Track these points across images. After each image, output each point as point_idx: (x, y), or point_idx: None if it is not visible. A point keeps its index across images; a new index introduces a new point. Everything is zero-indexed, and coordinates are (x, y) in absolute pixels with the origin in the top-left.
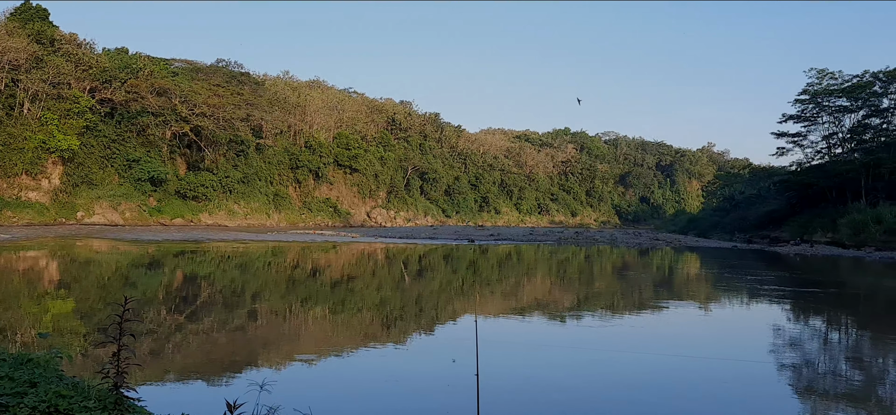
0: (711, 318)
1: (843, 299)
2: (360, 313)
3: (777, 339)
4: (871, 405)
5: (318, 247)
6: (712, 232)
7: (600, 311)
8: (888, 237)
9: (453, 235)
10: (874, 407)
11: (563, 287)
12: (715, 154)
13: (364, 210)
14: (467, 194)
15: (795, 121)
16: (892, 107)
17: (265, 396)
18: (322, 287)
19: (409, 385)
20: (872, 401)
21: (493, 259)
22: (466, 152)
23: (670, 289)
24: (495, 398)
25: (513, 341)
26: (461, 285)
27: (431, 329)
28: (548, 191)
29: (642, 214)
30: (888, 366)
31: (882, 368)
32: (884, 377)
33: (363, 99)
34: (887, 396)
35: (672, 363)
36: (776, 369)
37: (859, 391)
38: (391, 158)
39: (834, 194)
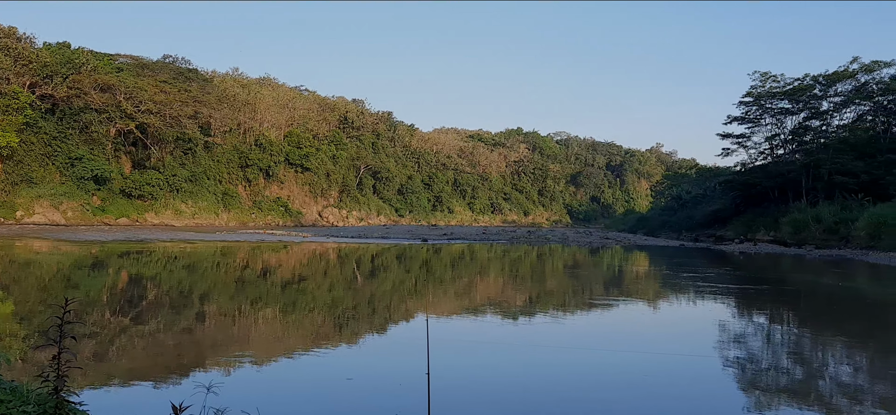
0: (660, 315)
1: (784, 296)
2: (312, 313)
3: (723, 335)
4: (811, 399)
5: (269, 247)
6: (660, 231)
7: (553, 309)
8: (827, 236)
9: (406, 235)
10: (814, 401)
11: (516, 286)
12: (663, 154)
13: (316, 209)
14: (420, 194)
15: (740, 122)
16: (830, 109)
17: (212, 398)
18: (273, 288)
19: (361, 385)
20: (812, 395)
21: (446, 259)
22: (419, 151)
23: (620, 287)
24: (447, 397)
25: (466, 339)
26: (414, 285)
27: (384, 329)
28: (500, 190)
29: (593, 213)
30: (827, 360)
31: (821, 362)
32: (823, 371)
33: (315, 97)
34: (826, 388)
35: (623, 359)
36: (723, 363)
37: (800, 384)
38: (343, 156)
39: (776, 194)
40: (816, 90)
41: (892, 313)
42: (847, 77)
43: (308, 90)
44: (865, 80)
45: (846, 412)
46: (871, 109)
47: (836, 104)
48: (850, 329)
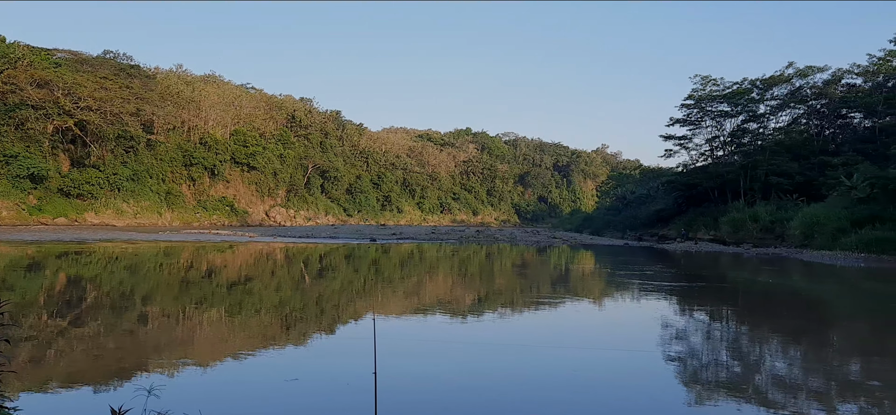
0: (606, 312)
1: (723, 293)
2: (258, 314)
3: (665, 331)
4: (748, 393)
5: (214, 247)
6: (606, 230)
7: (501, 308)
8: (763, 235)
9: (355, 235)
10: (752, 394)
11: (465, 285)
12: (609, 155)
13: (262, 209)
14: (369, 193)
15: (681, 124)
16: (767, 112)
17: (153, 401)
18: (218, 288)
19: (306, 385)
20: (750, 389)
21: (395, 258)
22: (368, 151)
23: (567, 285)
24: (396, 397)
25: (415, 339)
26: (363, 285)
27: (332, 329)
28: (450, 190)
29: (541, 213)
30: (764, 355)
31: (758, 357)
32: (760, 365)
33: (262, 95)
34: (763, 382)
35: (570, 356)
36: (666, 359)
37: (739, 378)
38: (291, 155)
39: (716, 194)
40: (754, 94)
41: (823, 308)
42: (783, 81)
43: (255, 88)
44: (800, 85)
45: (782, 405)
46: (805, 112)
47: (772, 107)
48: (786, 325)
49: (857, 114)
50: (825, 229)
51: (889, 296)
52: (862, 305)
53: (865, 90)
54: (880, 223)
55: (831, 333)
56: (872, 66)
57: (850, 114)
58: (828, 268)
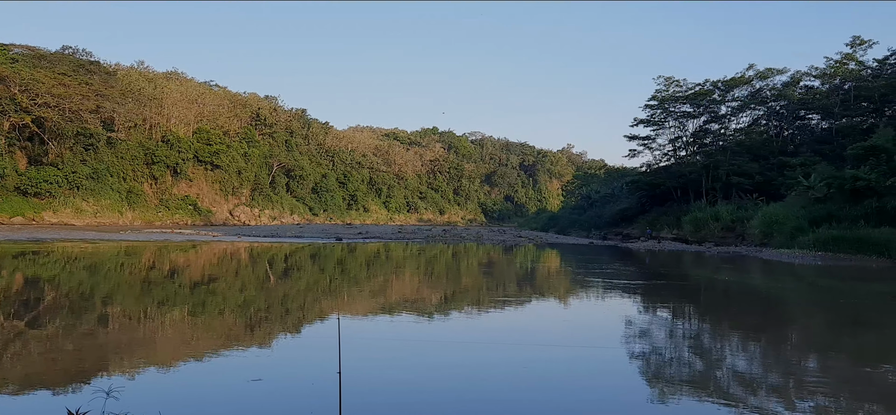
0: (571, 310)
1: (685, 291)
2: (222, 314)
3: (629, 328)
4: (710, 389)
5: (177, 247)
6: (571, 229)
7: (467, 307)
8: (725, 233)
9: (321, 234)
10: (713, 390)
11: (432, 284)
12: (574, 155)
13: (226, 208)
14: (335, 192)
15: (645, 125)
16: (728, 113)
17: (112, 403)
18: (180, 289)
19: (270, 385)
20: (711, 385)
21: (361, 257)
22: (334, 150)
23: (533, 284)
24: (360, 396)
25: (381, 338)
26: (328, 284)
27: (297, 329)
28: (416, 189)
29: (507, 212)
30: (724, 351)
31: (719, 353)
32: (721, 362)
33: (226, 93)
34: (723, 378)
35: (536, 354)
36: (629, 356)
37: (700, 375)
38: (256, 154)
39: (679, 194)
40: (716, 95)
41: (782, 306)
42: (743, 83)
43: (218, 86)
44: (760, 87)
45: (742, 401)
46: (765, 113)
47: (733, 109)
48: (745, 322)
49: (815, 115)
50: (784, 228)
51: (844, 293)
52: (818, 303)
53: (823, 92)
54: (836, 222)
55: (789, 330)
56: (829, 68)
57: (808, 115)
58: (786, 266)
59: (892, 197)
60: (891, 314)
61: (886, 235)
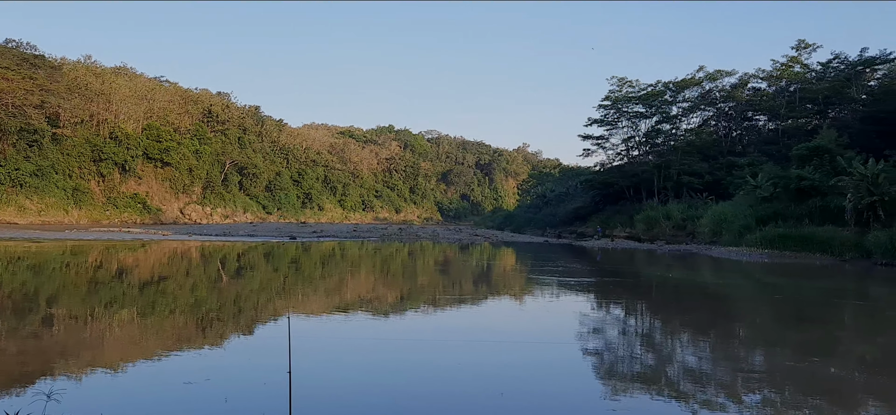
0: (525, 307)
1: (637, 288)
2: (172, 315)
3: (583, 325)
4: (661, 384)
5: (125, 246)
6: (526, 227)
7: (421, 305)
8: (676, 232)
9: (274, 233)
10: (664, 386)
11: (387, 283)
12: (529, 154)
13: (177, 206)
14: (289, 190)
15: (599, 125)
16: (679, 114)
17: (53, 406)
18: (129, 289)
19: (219, 386)
20: (662, 381)
21: (316, 256)
22: (289, 147)
23: (488, 282)
24: (311, 396)
25: (334, 338)
26: (282, 284)
27: (249, 329)
28: (372, 187)
29: (463, 210)
30: (675, 347)
31: (670, 349)
32: (672, 358)
33: (176, 89)
34: (674, 374)
35: (490, 350)
36: (583, 352)
37: (652, 370)
38: (207, 151)
39: (632, 193)
40: (667, 96)
41: (730, 303)
42: (694, 84)
43: (169, 82)
44: (710, 88)
45: (691, 396)
46: (714, 114)
47: (684, 109)
48: (695, 318)
49: (762, 116)
50: (732, 227)
51: (789, 290)
52: (765, 299)
53: (769, 94)
54: (782, 221)
55: (737, 325)
56: (776, 71)
57: (756, 116)
58: (735, 263)
59: (834, 196)
60: (833, 310)
61: (829, 233)
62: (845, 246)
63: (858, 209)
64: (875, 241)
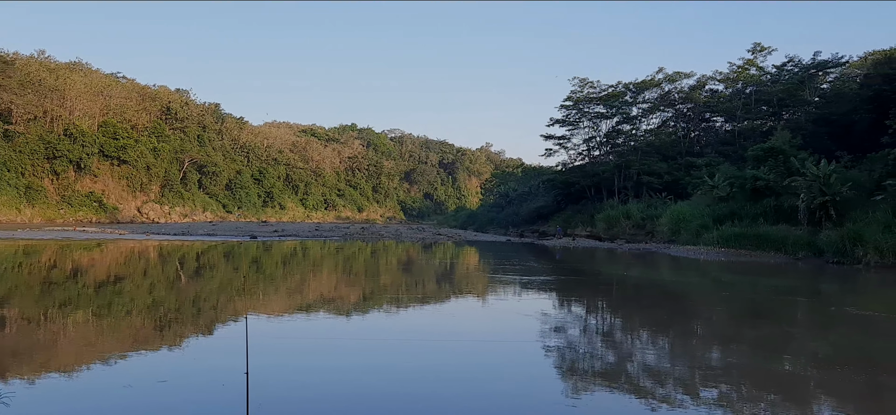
0: (487, 306)
1: (598, 286)
2: (129, 315)
3: (545, 323)
4: (621, 381)
5: (80, 245)
6: (489, 227)
7: (383, 305)
8: (635, 231)
9: (234, 232)
10: (624, 383)
11: (348, 283)
12: (492, 154)
13: (134, 205)
14: (250, 189)
15: (561, 125)
16: (639, 115)
17: (2, 409)
18: (84, 289)
19: (176, 387)
20: (622, 378)
21: (277, 256)
22: (249, 145)
23: (451, 281)
24: (269, 397)
25: (294, 338)
26: (242, 284)
27: (208, 330)
28: (334, 186)
29: (426, 209)
30: (635, 345)
31: (630, 347)
32: (631, 355)
33: (134, 85)
34: (634, 371)
35: (451, 348)
36: (545, 351)
37: (612, 368)
38: (166, 149)
39: (593, 192)
40: (628, 97)
41: (688, 300)
42: (653, 86)
43: (126, 78)
44: (669, 89)
45: (650, 393)
46: (673, 115)
47: (644, 110)
48: (654, 316)
49: (719, 118)
50: (690, 226)
51: (745, 287)
52: (721, 297)
53: (726, 96)
54: (738, 220)
55: (695, 323)
56: (732, 73)
57: (713, 118)
58: (692, 262)
59: (788, 196)
60: (787, 308)
61: (783, 232)
62: (798, 245)
63: (811, 209)
64: (827, 240)
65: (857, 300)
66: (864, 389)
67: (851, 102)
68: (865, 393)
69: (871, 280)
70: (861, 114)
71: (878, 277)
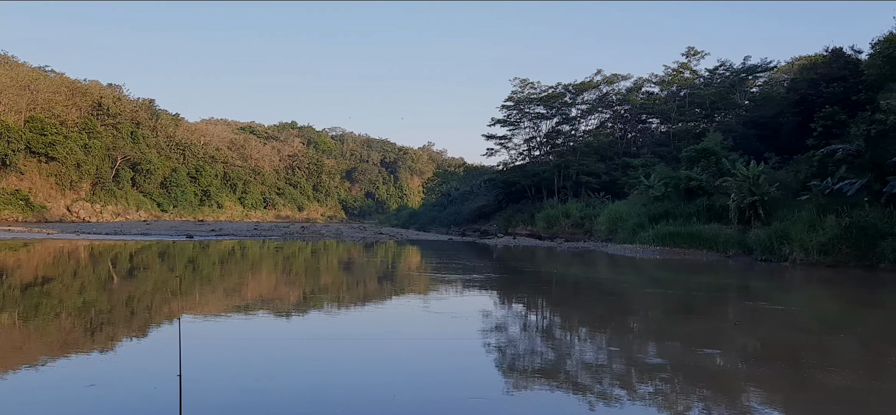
0: (428, 304)
1: (537, 284)
2: (57, 318)
3: (485, 322)
4: (560, 378)
5: (5, 245)
6: (431, 226)
7: (323, 305)
8: (574, 229)
9: (170, 231)
10: (563, 379)
11: (286, 283)
12: (434, 153)
13: (64, 204)
14: (186, 187)
15: (502, 125)
16: (578, 116)
17: None
18: (10, 291)
19: (105, 391)
20: (561, 374)
21: (214, 256)
22: (186, 143)
23: (393, 281)
24: (203, 400)
25: (228, 338)
26: (178, 285)
27: (139, 332)
28: (274, 185)
29: (368, 208)
30: (573, 342)
31: (569, 344)
32: (570, 352)
33: (63, 79)
34: (573, 367)
35: (389, 346)
36: (485, 349)
37: (551, 365)
38: (97, 146)
39: (533, 192)
40: (567, 98)
41: (625, 298)
42: (592, 87)
43: (55, 72)
44: (607, 91)
45: (589, 388)
46: (611, 116)
47: (583, 111)
48: (593, 313)
49: (655, 119)
50: (627, 225)
51: (678, 284)
52: (656, 294)
53: (661, 98)
54: (672, 219)
55: (631, 319)
56: (668, 76)
57: (649, 119)
58: (629, 260)
59: (719, 196)
60: (717, 303)
61: (714, 230)
62: (729, 243)
63: (741, 208)
64: (755, 238)
65: (783, 297)
66: (790, 381)
67: (779, 106)
68: (791, 385)
69: (796, 277)
70: (788, 117)
71: (803, 274)
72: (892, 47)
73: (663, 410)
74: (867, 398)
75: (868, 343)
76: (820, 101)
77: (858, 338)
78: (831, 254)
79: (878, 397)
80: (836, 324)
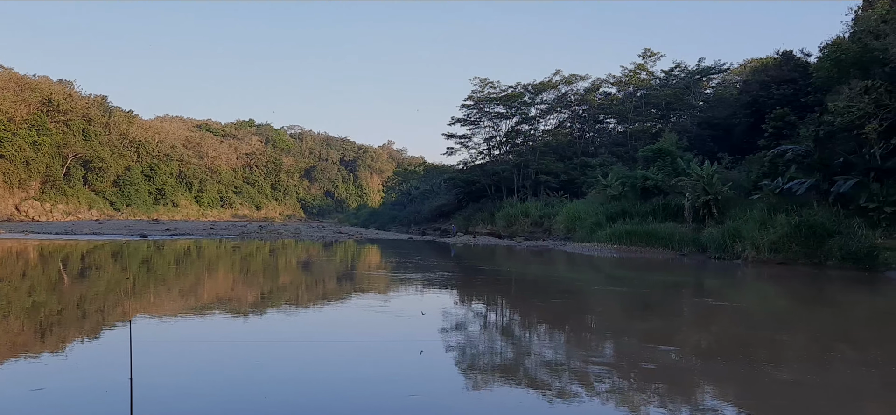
0: (388, 304)
1: (497, 283)
2: (5, 320)
3: (445, 321)
4: (519, 376)
5: None
6: (391, 225)
7: (280, 306)
8: (534, 228)
9: (123, 230)
10: (522, 377)
11: (243, 283)
12: (394, 151)
13: (11, 203)
14: (140, 186)
15: (462, 124)
16: (537, 115)
17: None
18: None
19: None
20: (520, 372)
21: (169, 256)
22: (140, 140)
23: (352, 280)
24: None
25: (182, 341)
26: (131, 285)
27: (90, 334)
28: (231, 183)
29: (327, 207)
30: (532, 341)
31: (528, 343)
32: (529, 351)
33: (11, 75)
34: (532, 365)
35: (350, 347)
36: (445, 348)
37: (511, 363)
38: (47, 143)
39: (493, 191)
40: (526, 98)
41: (583, 296)
42: (551, 87)
43: (2, 67)
44: (565, 91)
45: (548, 385)
46: (569, 116)
47: (542, 111)
48: (551, 311)
49: (613, 120)
50: (585, 223)
51: (635, 282)
52: (613, 292)
53: (619, 99)
54: (629, 218)
55: (589, 317)
56: (625, 77)
57: (607, 119)
58: (587, 258)
59: (675, 195)
60: (672, 301)
61: (670, 229)
62: (684, 241)
63: (695, 207)
64: (709, 236)
65: (736, 294)
66: (743, 376)
67: (732, 107)
68: (744, 380)
69: (748, 274)
70: (740, 118)
71: (754, 272)
72: (839, 51)
73: (621, 406)
74: (814, 392)
75: (816, 338)
76: (771, 103)
77: (807, 334)
78: (782, 252)
79: (826, 391)
80: (785, 320)
